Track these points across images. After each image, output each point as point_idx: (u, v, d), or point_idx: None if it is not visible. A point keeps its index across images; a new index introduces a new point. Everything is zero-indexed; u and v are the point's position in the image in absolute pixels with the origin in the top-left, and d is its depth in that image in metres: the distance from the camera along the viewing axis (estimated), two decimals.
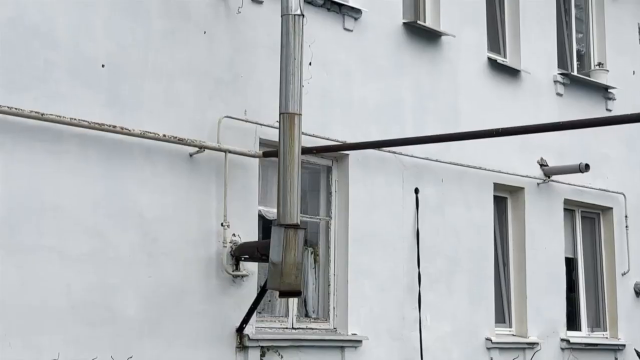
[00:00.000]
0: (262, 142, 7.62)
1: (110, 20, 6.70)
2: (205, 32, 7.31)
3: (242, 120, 7.47)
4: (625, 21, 12.16)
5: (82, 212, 6.42)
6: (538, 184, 10.41)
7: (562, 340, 10.40)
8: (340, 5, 8.42)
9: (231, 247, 7.26)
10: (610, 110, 11.48)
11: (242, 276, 7.35)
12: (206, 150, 7.16)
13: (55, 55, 6.36)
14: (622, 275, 11.35)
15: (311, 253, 8.25)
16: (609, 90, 11.55)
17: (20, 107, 6.09)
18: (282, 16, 6.84)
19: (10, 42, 6.13)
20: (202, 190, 7.19)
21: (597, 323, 11.30)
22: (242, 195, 7.43)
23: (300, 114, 6.78)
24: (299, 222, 6.69)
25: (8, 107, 6.02)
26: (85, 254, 6.41)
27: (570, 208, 11.05)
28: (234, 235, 7.30)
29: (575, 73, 11.28)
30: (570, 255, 11.04)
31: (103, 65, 6.63)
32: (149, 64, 6.92)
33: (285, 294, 6.86)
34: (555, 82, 10.84)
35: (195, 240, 7.10)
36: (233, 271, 7.28)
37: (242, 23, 7.59)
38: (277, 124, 6.94)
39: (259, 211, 7.67)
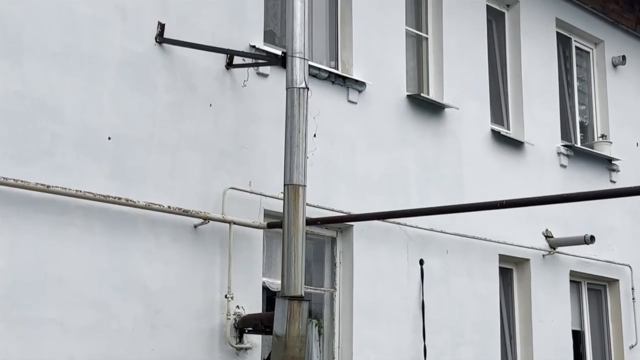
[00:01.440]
0: (267, 213, 7.63)
1: (117, 93, 6.78)
2: (211, 105, 7.39)
3: (247, 191, 7.50)
4: (628, 93, 12.27)
5: (86, 284, 6.40)
6: (544, 255, 10.38)
7: None
8: (344, 78, 8.51)
9: (235, 319, 7.21)
10: (614, 182, 11.50)
11: (246, 349, 7.29)
12: (211, 221, 7.16)
13: (61, 128, 6.42)
14: (630, 348, 11.23)
15: (315, 325, 8.18)
16: (613, 162, 11.59)
17: (26, 179, 6.13)
18: (287, 89, 6.91)
19: (17, 116, 6.20)
20: (206, 262, 7.17)
21: None
22: (246, 267, 7.41)
23: (304, 186, 6.79)
24: (303, 294, 6.65)
25: (14, 180, 6.06)
26: (89, 326, 6.37)
27: (577, 280, 10.99)
28: (237, 307, 7.26)
29: (578, 145, 11.34)
30: (577, 328, 10.94)
31: (109, 138, 6.68)
32: (154, 136, 6.97)
33: None
34: (559, 153, 10.89)
35: (199, 312, 7.06)
36: (236, 344, 7.22)
37: (248, 96, 7.67)
38: (281, 195, 6.95)
39: (263, 283, 7.64)
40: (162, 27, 7.08)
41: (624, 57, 12.08)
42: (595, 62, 12.08)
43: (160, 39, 7.08)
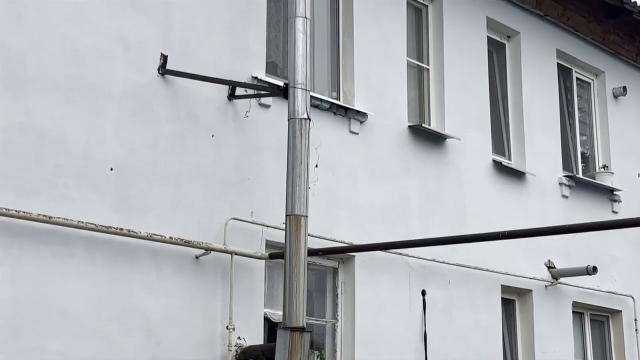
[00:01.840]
0: (268, 244, 7.62)
1: (120, 124, 6.80)
2: (213, 136, 7.41)
3: (249, 222, 7.50)
4: (629, 124, 12.30)
5: (87, 315, 6.38)
6: (546, 286, 10.35)
7: None
8: (346, 109, 8.54)
9: (236, 350, 7.18)
10: (616, 213, 11.50)
11: None
12: (212, 252, 7.16)
13: (64, 159, 6.43)
14: None
15: (317, 356, 8.14)
16: (615, 193, 11.59)
17: (28, 210, 6.13)
18: (289, 120, 6.93)
19: (20, 147, 6.21)
20: (208, 293, 7.15)
21: None
22: (247, 298, 7.39)
23: (306, 216, 6.80)
24: (304, 325, 6.63)
25: (16, 211, 6.06)
26: (90, 358, 6.34)
27: (579, 311, 10.95)
28: (239, 338, 7.23)
29: (580, 175, 11.35)
30: None
31: (111, 169, 6.70)
32: (157, 167, 6.99)
33: None
34: (561, 184, 10.89)
35: (200, 343, 7.03)
36: None
37: (250, 126, 7.69)
38: (283, 226, 6.95)
39: (265, 314, 7.62)
40: (164, 58, 7.12)
41: (624, 88, 12.12)
42: (596, 92, 12.12)
43: (163, 70, 7.12)
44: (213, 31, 7.56)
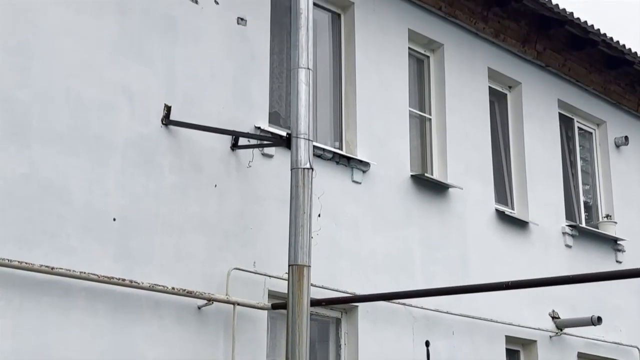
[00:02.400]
0: (271, 294, 7.58)
1: (123, 175, 6.81)
2: (216, 186, 7.42)
3: (251, 272, 7.47)
4: (631, 172, 12.31)
5: None
6: (550, 336, 10.27)
7: None
8: (349, 158, 8.56)
9: None
10: (620, 262, 11.45)
11: None
12: (215, 302, 7.12)
13: (67, 210, 6.43)
14: None
15: None
16: (618, 242, 11.56)
17: (30, 261, 6.12)
18: (291, 170, 6.95)
19: (23, 198, 6.22)
20: (210, 344, 7.10)
21: None
22: (250, 349, 7.33)
23: (309, 266, 6.77)
24: None
25: (18, 262, 6.05)
26: None
27: None
28: None
29: (583, 225, 11.33)
30: None
31: (114, 219, 6.69)
32: (159, 218, 6.98)
33: None
34: (564, 233, 10.87)
35: None
36: None
37: (253, 176, 7.71)
38: (286, 276, 6.92)
39: None
40: (168, 109, 7.16)
41: (626, 138, 12.15)
42: (598, 142, 12.15)
43: (167, 120, 7.15)
44: (216, 82, 7.61)
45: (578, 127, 11.94)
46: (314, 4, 7.50)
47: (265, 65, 8.06)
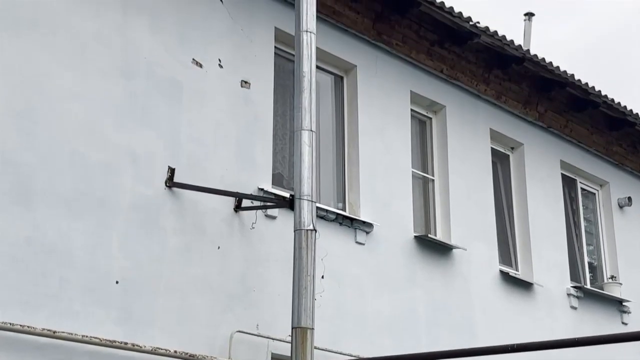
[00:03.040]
0: (274, 357, 7.51)
1: (126, 238, 6.81)
2: (219, 247, 7.40)
3: (254, 334, 7.41)
4: (635, 234, 12.27)
5: None
6: None
7: None
8: (352, 219, 8.56)
9: None
10: (626, 324, 11.35)
11: None
12: None
13: (70, 273, 6.41)
14: None
15: None
16: (624, 304, 11.47)
17: (32, 325, 6.08)
18: (295, 231, 6.94)
19: (26, 261, 6.21)
20: None
21: None
22: None
23: (312, 328, 6.71)
24: None
25: (20, 326, 6.02)
26: None
27: None
28: None
29: (588, 286, 11.26)
30: None
31: (117, 282, 6.67)
32: (162, 280, 6.96)
33: None
34: (569, 295, 10.80)
35: None
36: None
37: (256, 237, 7.69)
38: (289, 339, 6.86)
39: None
40: (172, 171, 7.18)
41: (629, 199, 12.15)
42: (601, 203, 12.14)
43: (170, 183, 7.17)
44: (220, 144, 7.65)
45: (581, 188, 11.94)
46: (317, 67, 7.57)
47: (269, 127, 8.11)
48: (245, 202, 7.65)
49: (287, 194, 7.67)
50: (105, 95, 6.95)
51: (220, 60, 7.80)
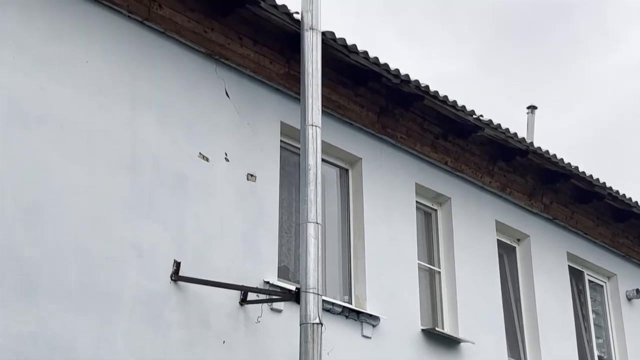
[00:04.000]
0: None
1: (131, 332, 6.74)
2: (224, 342, 7.33)
3: None
4: None
5: None
6: None
7: None
8: (358, 312, 8.49)
9: None
10: None
11: None
12: None
13: None
14: None
15: None
16: None
17: None
18: (300, 325, 6.88)
19: (30, 357, 6.12)
20: None
21: None
22: None
23: None
24: None
25: None
26: None
27: None
28: None
29: None
30: None
31: None
32: None
33: None
34: None
35: None
36: None
37: (261, 331, 7.62)
38: None
39: None
40: (177, 265, 7.17)
41: (637, 291, 12.05)
42: (609, 295, 12.04)
43: (176, 276, 7.14)
44: (226, 236, 7.65)
45: (589, 280, 11.86)
46: (322, 160, 7.63)
47: (275, 219, 8.13)
48: (251, 296, 7.60)
49: (293, 287, 7.63)
50: (111, 189, 6.98)
51: (226, 154, 7.87)
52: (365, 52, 8.65)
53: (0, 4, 6.64)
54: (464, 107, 9.61)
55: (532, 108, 13.68)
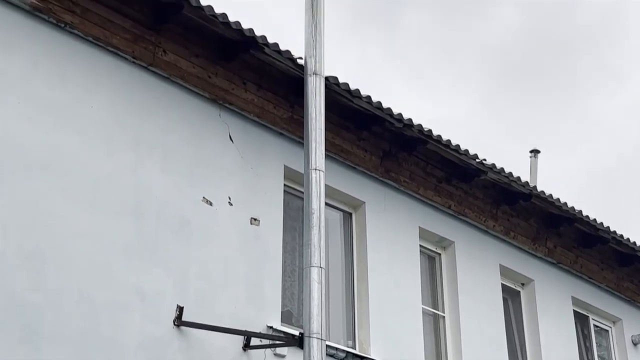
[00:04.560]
0: None
1: None
2: None
3: None
4: None
5: None
6: None
7: None
8: (362, 357, 8.44)
9: None
10: None
11: None
12: None
13: None
14: None
15: None
16: None
17: None
18: None
19: None
20: None
21: None
22: None
23: None
24: None
25: None
26: None
27: None
28: None
29: None
30: None
31: None
32: None
33: None
34: None
35: None
36: None
37: None
38: None
39: None
40: (180, 310, 7.13)
41: None
42: (615, 340, 11.95)
43: (179, 322, 7.11)
44: (229, 281, 7.63)
45: (594, 325, 11.79)
46: (326, 204, 7.63)
47: (278, 263, 8.11)
48: (254, 341, 7.56)
49: (296, 332, 7.58)
50: (115, 235, 6.97)
51: (230, 198, 7.87)
52: (369, 97, 8.69)
53: (6, 50, 6.70)
54: (467, 150, 9.63)
55: (535, 152, 13.73)
